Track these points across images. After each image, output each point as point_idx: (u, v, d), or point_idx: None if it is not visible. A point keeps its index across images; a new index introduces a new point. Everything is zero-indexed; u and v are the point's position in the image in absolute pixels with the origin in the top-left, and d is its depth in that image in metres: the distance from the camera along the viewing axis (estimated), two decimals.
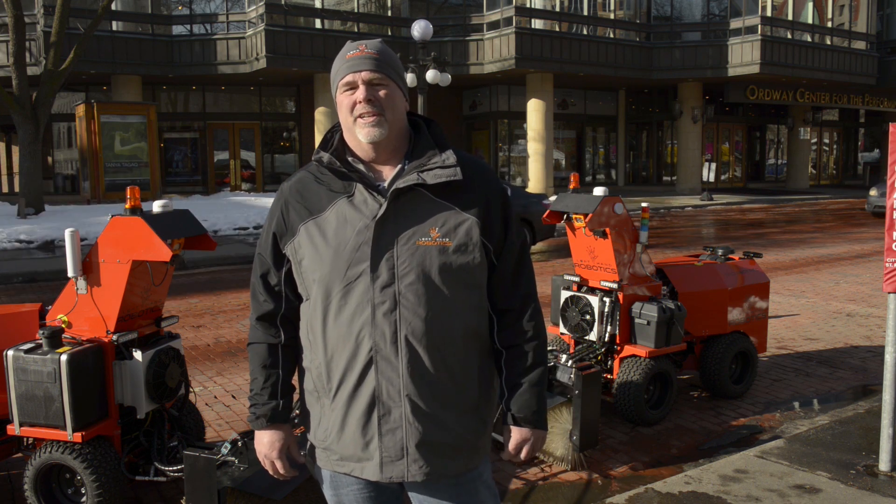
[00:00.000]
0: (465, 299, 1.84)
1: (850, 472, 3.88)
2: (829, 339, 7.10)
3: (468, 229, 1.82)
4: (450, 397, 1.83)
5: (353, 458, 1.86)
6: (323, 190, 1.87)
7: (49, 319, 3.66)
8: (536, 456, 4.27)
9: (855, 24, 28.66)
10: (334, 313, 1.82)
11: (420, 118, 1.97)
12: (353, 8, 22.87)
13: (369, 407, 1.81)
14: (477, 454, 1.92)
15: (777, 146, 35.22)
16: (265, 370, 1.96)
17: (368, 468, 1.84)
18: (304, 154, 25.84)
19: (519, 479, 4.10)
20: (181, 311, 8.41)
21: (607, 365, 4.94)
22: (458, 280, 1.82)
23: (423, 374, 1.79)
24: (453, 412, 1.84)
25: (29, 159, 16.58)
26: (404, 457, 1.81)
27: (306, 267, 1.86)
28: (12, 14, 15.91)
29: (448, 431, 1.83)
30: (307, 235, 1.85)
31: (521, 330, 1.93)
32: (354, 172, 1.85)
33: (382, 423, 1.81)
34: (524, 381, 1.92)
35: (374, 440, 1.82)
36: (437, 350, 1.80)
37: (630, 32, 25.64)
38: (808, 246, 14.01)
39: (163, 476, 3.63)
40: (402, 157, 1.89)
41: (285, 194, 1.92)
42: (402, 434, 1.80)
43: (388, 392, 1.79)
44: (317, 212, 1.85)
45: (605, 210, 4.64)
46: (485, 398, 1.93)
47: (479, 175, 1.89)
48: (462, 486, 1.91)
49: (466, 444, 1.88)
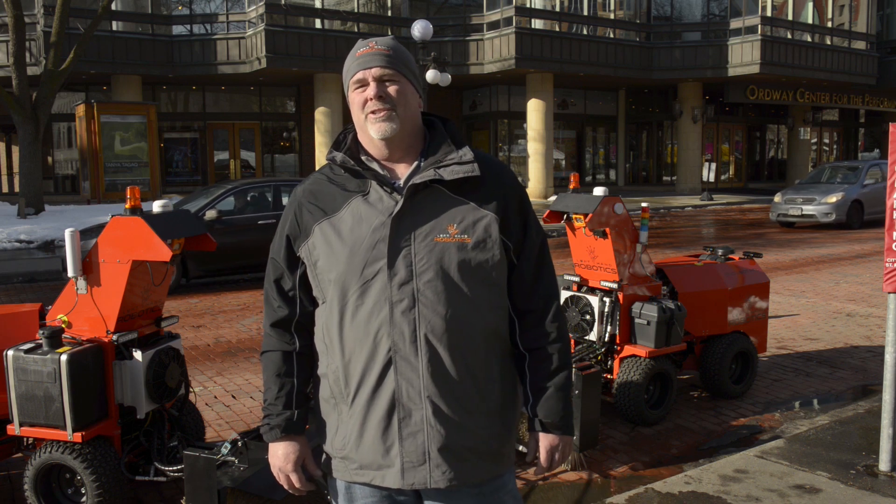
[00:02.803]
0: (485, 298, 1.79)
1: (850, 472, 3.88)
2: (829, 339, 7.10)
3: (487, 226, 1.78)
4: (471, 400, 1.78)
5: (373, 465, 1.79)
6: (337, 190, 1.83)
7: (49, 319, 3.66)
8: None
9: (855, 24, 28.66)
10: (351, 313, 1.77)
11: (436, 117, 1.93)
12: (353, 8, 22.86)
13: (389, 410, 1.75)
14: (502, 461, 1.85)
15: (777, 146, 35.22)
16: (279, 379, 1.88)
17: (389, 475, 1.77)
18: (304, 154, 25.83)
19: (519, 479, 4.09)
20: (181, 311, 8.41)
21: (607, 365, 4.94)
22: (477, 277, 1.77)
23: (444, 374, 1.74)
24: (475, 415, 1.78)
25: (29, 159, 16.59)
26: (426, 462, 1.75)
27: (321, 267, 1.81)
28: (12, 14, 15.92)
29: (471, 435, 1.77)
30: (322, 235, 1.80)
31: (545, 332, 1.88)
32: (369, 171, 1.81)
33: (403, 427, 1.75)
34: (550, 385, 1.86)
35: (395, 445, 1.76)
36: (457, 350, 1.75)
37: (630, 32, 25.64)
38: (808, 246, 14.01)
39: (163, 476, 3.63)
40: (418, 155, 1.86)
41: (298, 198, 1.87)
42: (423, 438, 1.74)
43: (409, 393, 1.74)
44: (331, 212, 1.81)
45: (605, 210, 4.64)
46: (509, 402, 1.87)
47: (497, 172, 1.86)
48: (485, 497, 1.83)
49: (490, 449, 1.81)
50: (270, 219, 10.03)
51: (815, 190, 17.16)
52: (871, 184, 17.27)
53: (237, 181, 11.23)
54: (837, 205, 16.47)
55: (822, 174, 18.57)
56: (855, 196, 16.84)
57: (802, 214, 16.70)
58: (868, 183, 17.26)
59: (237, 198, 10.27)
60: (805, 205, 16.70)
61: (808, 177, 19.07)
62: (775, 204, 17.43)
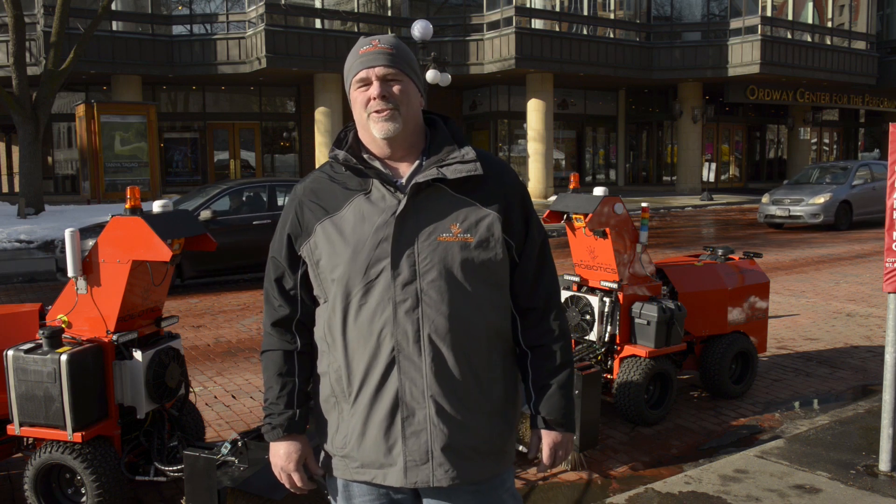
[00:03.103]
0: (488, 297, 1.79)
1: (850, 472, 3.88)
2: (829, 339, 7.10)
3: (489, 225, 1.78)
4: (474, 399, 1.78)
5: (375, 464, 1.79)
6: (338, 188, 1.82)
7: (49, 319, 3.66)
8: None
9: (855, 24, 28.66)
10: (354, 312, 1.76)
11: (437, 115, 1.93)
12: (353, 8, 22.86)
13: (392, 409, 1.75)
14: (503, 459, 1.86)
15: (777, 146, 35.22)
16: (281, 378, 1.88)
17: (392, 474, 1.78)
18: (304, 154, 25.83)
19: (519, 479, 4.09)
20: (181, 311, 8.41)
21: (607, 365, 4.94)
22: (480, 277, 1.77)
23: (447, 374, 1.74)
24: (478, 414, 1.79)
25: (29, 159, 16.58)
26: (429, 461, 1.75)
27: (323, 267, 1.80)
28: (12, 14, 15.92)
29: (473, 434, 1.78)
30: (324, 234, 1.79)
31: (547, 329, 1.88)
32: (371, 169, 1.81)
33: (406, 426, 1.75)
34: (553, 383, 1.87)
35: (398, 444, 1.76)
36: (460, 349, 1.75)
37: (630, 32, 25.65)
38: (808, 246, 14.01)
39: (163, 476, 3.63)
40: (420, 154, 1.86)
41: (299, 195, 1.87)
42: (426, 437, 1.75)
43: (412, 393, 1.74)
44: (333, 210, 1.80)
45: (605, 210, 4.64)
46: (510, 401, 1.88)
47: (499, 171, 1.86)
48: (484, 495, 1.84)
49: (493, 448, 1.82)
50: (266, 219, 10.02)
51: (803, 190, 16.84)
52: (860, 184, 16.98)
53: (233, 181, 11.20)
54: (825, 205, 16.21)
55: (811, 174, 18.20)
56: (844, 197, 16.53)
57: (790, 215, 16.45)
58: (857, 184, 16.95)
59: (232, 198, 10.26)
60: (792, 206, 16.44)
61: (797, 177, 18.74)
62: (763, 205, 17.07)
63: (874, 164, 18.21)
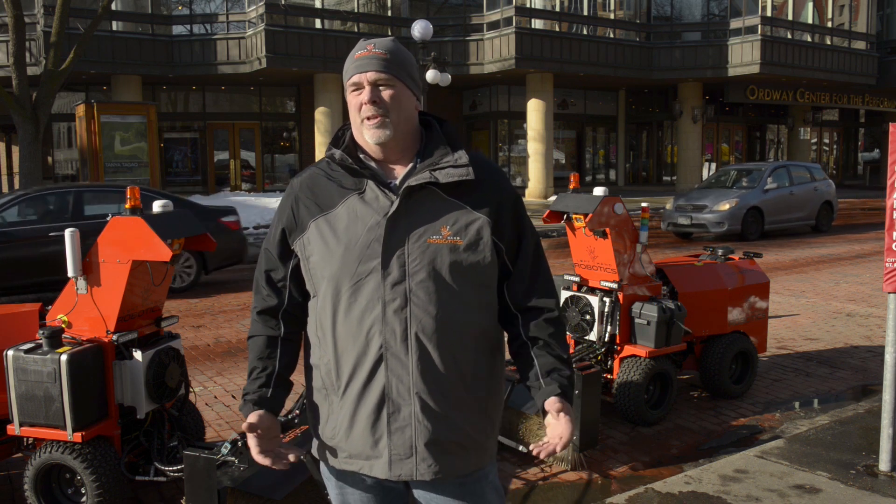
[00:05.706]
0: (475, 298, 1.84)
1: (850, 472, 3.88)
2: (829, 339, 7.10)
3: (479, 228, 1.82)
4: (459, 396, 1.83)
5: (362, 455, 1.85)
6: (334, 186, 1.87)
7: (49, 319, 3.66)
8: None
9: (855, 24, 28.66)
10: (344, 310, 1.81)
11: (433, 117, 1.97)
12: (353, 8, 22.86)
13: (379, 404, 1.81)
14: (485, 454, 1.92)
15: (777, 146, 35.21)
16: (262, 361, 1.94)
17: (377, 466, 1.84)
18: (304, 154, 25.83)
19: (519, 479, 4.10)
20: (181, 311, 8.41)
21: (607, 365, 4.94)
22: (468, 279, 1.82)
23: (433, 372, 1.79)
24: (462, 411, 1.84)
25: (29, 159, 16.58)
26: (413, 455, 1.81)
27: (315, 263, 1.85)
28: (12, 14, 15.91)
29: (457, 430, 1.83)
30: (317, 232, 1.84)
31: (545, 326, 1.92)
32: (366, 169, 1.85)
33: (392, 422, 1.80)
34: (556, 360, 1.87)
35: (384, 438, 1.82)
36: (447, 348, 1.80)
37: (630, 32, 25.64)
38: (808, 246, 14.01)
39: (163, 476, 3.63)
40: (414, 156, 1.89)
41: (296, 189, 1.92)
42: (411, 432, 1.80)
43: (398, 390, 1.79)
44: (327, 208, 1.85)
45: (605, 210, 4.64)
46: (494, 399, 1.93)
47: (491, 176, 1.90)
48: (468, 487, 1.90)
49: (475, 443, 1.88)
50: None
51: (708, 196, 15.07)
52: (773, 189, 15.29)
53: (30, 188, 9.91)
54: (731, 212, 14.44)
55: (723, 177, 16.52)
56: (754, 203, 14.81)
57: (692, 223, 14.78)
58: (770, 188, 15.25)
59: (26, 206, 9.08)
60: (695, 213, 14.77)
61: (708, 179, 17.13)
62: (667, 211, 15.46)
63: (793, 165, 16.69)
